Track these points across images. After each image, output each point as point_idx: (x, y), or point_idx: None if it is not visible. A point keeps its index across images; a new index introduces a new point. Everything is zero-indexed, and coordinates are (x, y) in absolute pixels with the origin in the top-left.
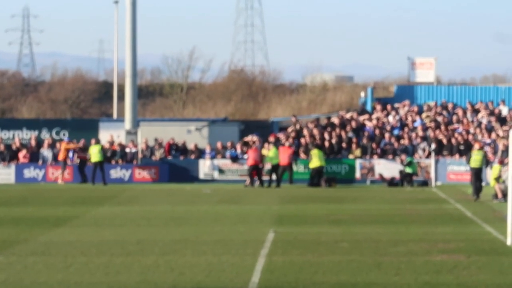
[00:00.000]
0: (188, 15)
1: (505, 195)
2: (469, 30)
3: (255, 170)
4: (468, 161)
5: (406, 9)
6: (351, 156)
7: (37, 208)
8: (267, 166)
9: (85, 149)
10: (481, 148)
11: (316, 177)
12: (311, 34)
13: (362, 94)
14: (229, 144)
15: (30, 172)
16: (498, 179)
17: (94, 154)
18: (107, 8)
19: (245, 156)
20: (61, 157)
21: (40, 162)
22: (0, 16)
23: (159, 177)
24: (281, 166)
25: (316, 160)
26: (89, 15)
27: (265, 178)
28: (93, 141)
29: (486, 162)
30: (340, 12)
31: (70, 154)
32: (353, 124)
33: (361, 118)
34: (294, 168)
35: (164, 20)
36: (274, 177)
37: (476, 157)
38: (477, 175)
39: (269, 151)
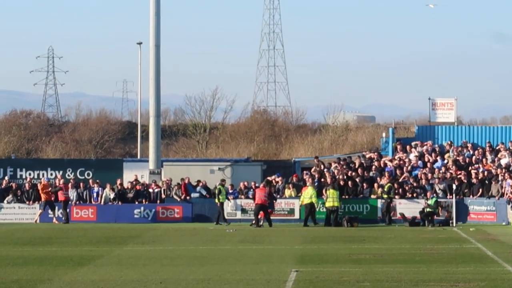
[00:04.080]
0: (211, 56)
1: None
2: (489, 71)
3: (262, 210)
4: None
5: (427, 50)
6: (373, 196)
7: (62, 247)
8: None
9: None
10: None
11: (330, 217)
12: (332, 74)
13: (384, 134)
14: (252, 184)
15: (55, 212)
16: None
17: (219, 195)
18: (131, 48)
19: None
20: (42, 197)
21: None
22: (25, 57)
23: (182, 216)
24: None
25: (330, 200)
26: (113, 55)
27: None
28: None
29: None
30: (361, 52)
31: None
32: (375, 164)
33: (383, 158)
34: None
35: (187, 61)
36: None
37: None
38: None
39: (305, 191)
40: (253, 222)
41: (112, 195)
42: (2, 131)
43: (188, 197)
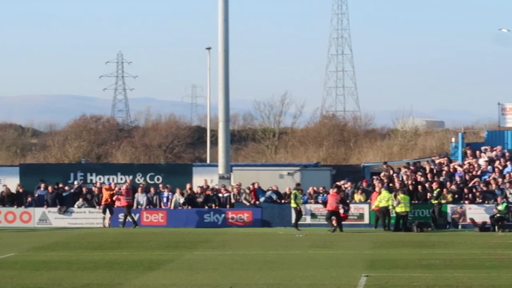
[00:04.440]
0: (280, 61)
1: None
2: None
3: (334, 216)
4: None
5: (495, 54)
6: (442, 201)
7: (132, 251)
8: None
9: (122, 193)
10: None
11: (400, 222)
12: (401, 79)
13: (453, 139)
14: (321, 189)
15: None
16: None
17: (295, 199)
18: (200, 54)
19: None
20: (103, 201)
21: (135, 206)
22: (95, 63)
23: (252, 221)
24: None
25: (402, 205)
26: (182, 61)
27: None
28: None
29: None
30: (429, 57)
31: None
32: (445, 169)
33: (452, 163)
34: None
35: (256, 66)
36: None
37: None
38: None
39: (381, 195)
40: (332, 228)
41: (182, 200)
42: (73, 136)
43: (257, 202)
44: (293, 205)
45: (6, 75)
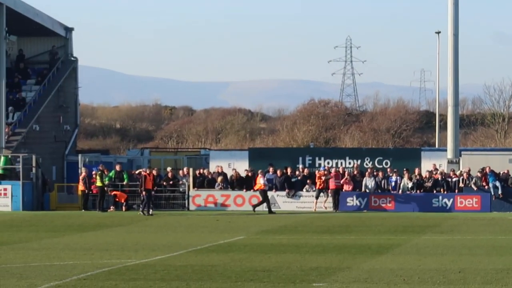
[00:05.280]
0: (509, 45)
1: None
2: None
3: None
4: None
5: None
6: None
7: (360, 236)
8: None
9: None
10: None
11: None
12: None
13: None
14: None
15: (353, 200)
16: None
17: None
18: (429, 38)
19: None
20: (317, 186)
21: (363, 189)
22: (324, 48)
23: (481, 206)
24: None
25: None
26: (410, 45)
27: None
28: None
29: None
30: None
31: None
32: None
33: None
34: None
35: (485, 50)
36: None
37: None
38: None
39: None
40: None
41: (410, 184)
42: (301, 120)
43: (487, 187)
44: None
45: (237, 61)
